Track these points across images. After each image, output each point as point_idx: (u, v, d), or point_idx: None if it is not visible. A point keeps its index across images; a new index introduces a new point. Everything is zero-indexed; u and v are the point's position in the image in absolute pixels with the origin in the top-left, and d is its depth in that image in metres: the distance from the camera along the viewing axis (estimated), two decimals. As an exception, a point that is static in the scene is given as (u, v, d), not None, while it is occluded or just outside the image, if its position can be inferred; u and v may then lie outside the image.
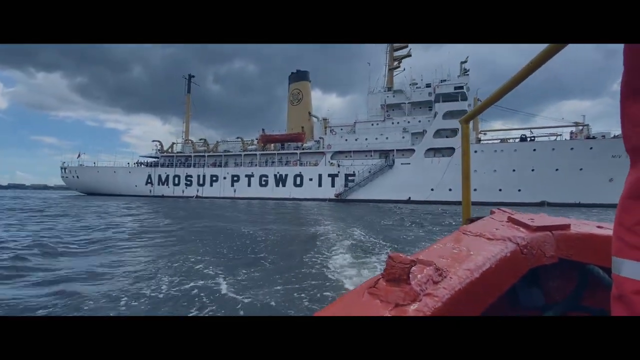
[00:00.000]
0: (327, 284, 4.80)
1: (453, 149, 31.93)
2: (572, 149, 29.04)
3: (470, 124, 1.88)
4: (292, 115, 46.43)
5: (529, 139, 31.79)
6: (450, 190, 31.02)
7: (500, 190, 30.44)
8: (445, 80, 35.57)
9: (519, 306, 0.98)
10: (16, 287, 4.60)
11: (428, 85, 36.92)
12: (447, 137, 33.27)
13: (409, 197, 33.45)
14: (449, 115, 33.10)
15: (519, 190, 30.35)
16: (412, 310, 0.53)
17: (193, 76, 57.00)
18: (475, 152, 30.92)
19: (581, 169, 28.49)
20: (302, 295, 4.31)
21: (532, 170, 30.08)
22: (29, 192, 66.68)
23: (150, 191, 45.63)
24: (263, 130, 44.53)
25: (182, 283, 4.72)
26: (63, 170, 49.35)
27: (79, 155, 49.63)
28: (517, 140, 32.35)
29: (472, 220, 1.44)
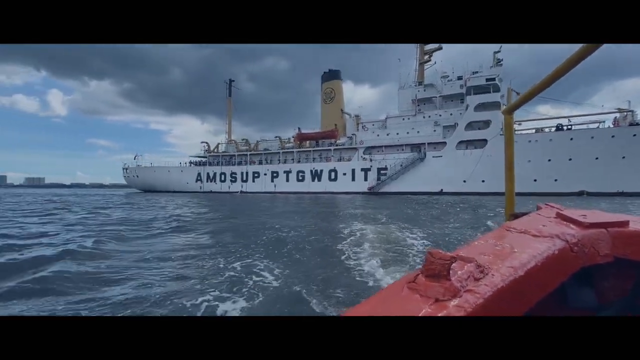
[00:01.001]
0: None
1: (485, 140, 32.33)
2: (613, 136, 28.37)
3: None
4: (325, 114, 48.75)
5: (565, 128, 31.25)
6: (483, 181, 31.66)
7: (535, 180, 30.39)
8: (476, 72, 35.36)
9: (568, 306, 0.93)
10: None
11: (459, 78, 36.97)
12: (479, 129, 33.43)
13: (441, 189, 34.36)
14: (480, 107, 33.20)
15: (555, 180, 30.18)
16: (453, 306, 0.52)
17: (233, 80, 61.60)
18: None
19: (624, 157, 27.85)
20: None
21: (570, 159, 29.74)
22: (93, 191, 73.22)
23: (200, 188, 50.45)
24: (299, 128, 47.40)
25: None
26: (125, 170, 55.98)
27: (135, 157, 56.02)
28: (553, 129, 31.91)
29: (516, 216, 1.40)
